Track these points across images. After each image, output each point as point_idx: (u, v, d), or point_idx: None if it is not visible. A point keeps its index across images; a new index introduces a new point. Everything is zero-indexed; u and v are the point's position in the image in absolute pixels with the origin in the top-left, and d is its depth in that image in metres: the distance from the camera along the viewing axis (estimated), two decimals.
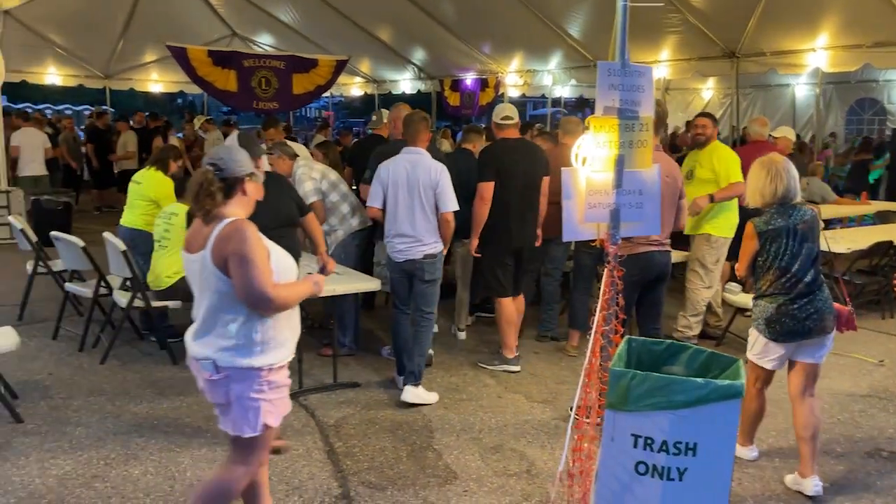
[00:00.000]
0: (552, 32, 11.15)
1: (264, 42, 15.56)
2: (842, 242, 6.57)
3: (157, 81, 16.65)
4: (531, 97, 19.81)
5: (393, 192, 4.71)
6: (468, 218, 5.20)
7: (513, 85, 13.76)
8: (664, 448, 2.68)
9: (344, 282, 4.82)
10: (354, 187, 6.03)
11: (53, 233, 5.78)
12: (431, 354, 5.33)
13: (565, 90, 15.41)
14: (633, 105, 3.13)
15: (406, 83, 16.04)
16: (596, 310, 3.09)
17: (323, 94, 15.13)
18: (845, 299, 3.99)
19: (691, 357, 3.06)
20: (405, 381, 4.74)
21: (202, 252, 2.65)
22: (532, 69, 13.21)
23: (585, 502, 3.07)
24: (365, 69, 16.51)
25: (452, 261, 6.23)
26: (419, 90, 16.02)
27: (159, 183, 5.82)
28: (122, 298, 5.38)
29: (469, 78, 14.49)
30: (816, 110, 14.41)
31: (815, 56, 9.04)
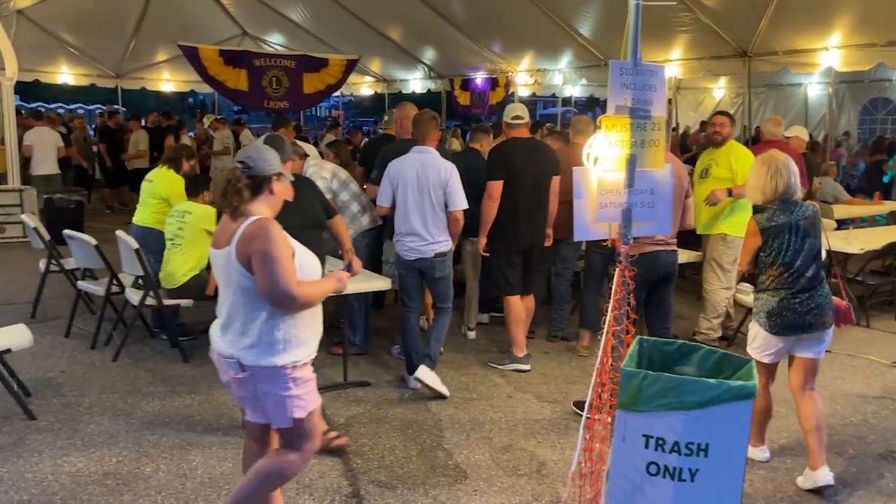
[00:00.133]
0: (563, 31, 11.12)
1: (275, 41, 15.60)
2: (855, 243, 6.53)
3: (169, 81, 16.72)
4: (541, 96, 19.79)
5: (402, 191, 4.74)
6: (477, 216, 5.21)
7: (523, 84, 13.74)
8: (676, 449, 2.67)
9: (355, 281, 4.81)
10: (364, 187, 6.04)
11: (66, 231, 5.82)
12: (441, 351, 5.34)
13: (576, 89, 15.39)
14: (645, 104, 3.12)
15: (416, 82, 16.04)
16: (606, 310, 3.09)
17: (333, 94, 15.15)
18: (843, 294, 4.05)
19: (703, 357, 3.05)
20: (420, 361, 4.83)
21: (227, 248, 2.68)
22: (542, 68, 13.18)
23: (596, 503, 3.06)
24: (375, 68, 16.53)
25: (462, 259, 6.23)
26: (429, 89, 16.02)
27: (171, 181, 5.85)
28: (134, 296, 5.41)
29: (479, 77, 14.47)
30: (829, 110, 14.32)
31: (828, 55, 8.97)
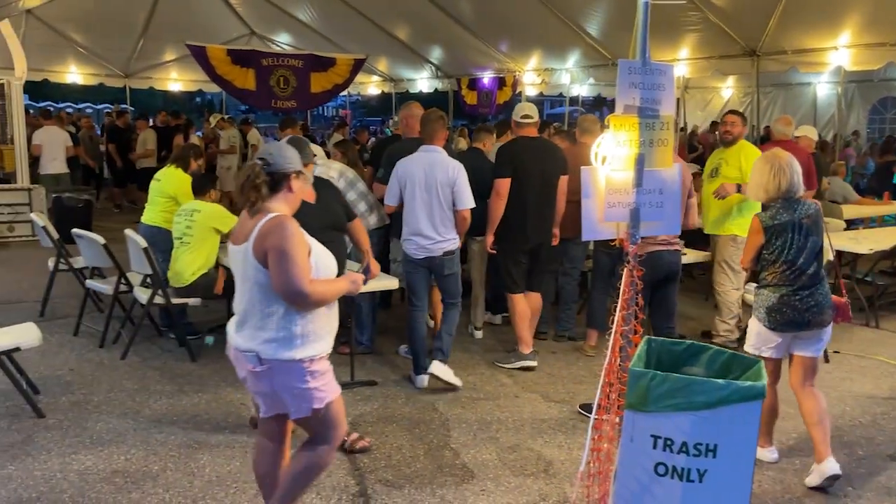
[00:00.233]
0: (570, 31, 11.10)
1: (283, 41, 15.62)
2: (864, 243, 6.50)
3: (177, 80, 16.77)
4: (549, 96, 19.75)
5: (410, 190, 4.77)
6: (482, 215, 5.23)
7: (530, 84, 13.71)
8: (684, 449, 2.66)
9: None
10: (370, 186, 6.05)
11: (75, 230, 5.84)
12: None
13: (583, 89, 15.36)
14: (654, 104, 3.10)
15: (423, 82, 16.03)
16: (614, 309, 3.08)
17: (340, 93, 15.15)
18: (842, 292, 4.09)
19: (712, 358, 3.04)
20: (433, 357, 4.89)
21: (245, 244, 2.72)
22: (550, 68, 13.16)
23: (604, 503, 3.06)
24: (382, 68, 16.53)
25: (468, 258, 6.22)
26: (436, 89, 16.01)
27: (179, 180, 5.86)
28: (143, 295, 5.42)
29: (486, 77, 14.46)
30: (838, 109, 14.24)
31: (837, 54, 8.93)
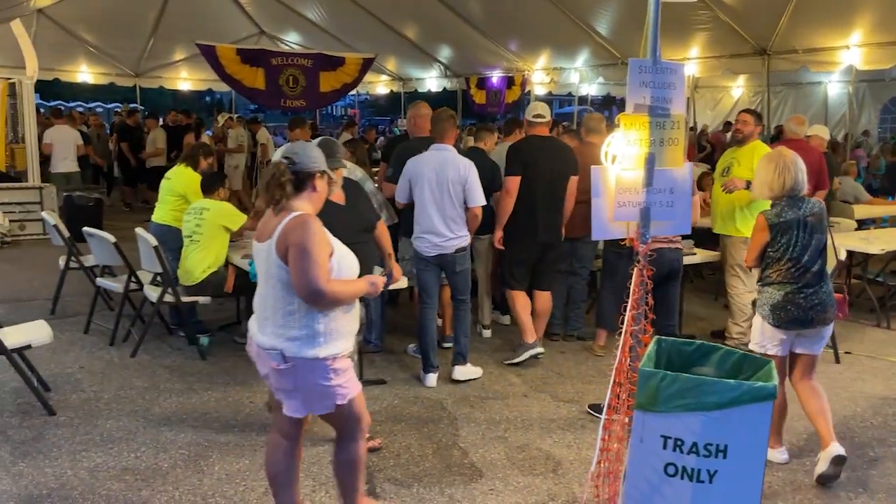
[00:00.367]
0: (579, 30, 11.08)
1: (292, 40, 15.66)
2: (875, 243, 6.45)
3: (186, 79, 16.83)
4: (558, 95, 19.73)
5: (421, 189, 4.81)
6: (485, 213, 5.23)
7: (539, 83, 13.70)
8: (694, 450, 2.65)
9: None
10: (377, 185, 6.06)
11: (86, 228, 5.87)
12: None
13: (592, 88, 15.33)
14: (665, 102, 3.10)
15: (432, 81, 16.04)
16: (623, 309, 3.07)
17: (349, 92, 15.17)
18: (844, 289, 4.06)
19: (722, 358, 3.02)
20: (453, 362, 5.06)
21: (269, 241, 2.75)
22: (559, 67, 13.14)
23: (614, 503, 3.05)
24: (391, 67, 16.55)
25: (475, 256, 6.22)
26: (445, 88, 16.02)
27: (188, 179, 5.88)
28: (153, 293, 5.44)
29: (495, 76, 14.45)
30: (849, 109, 14.17)
31: (849, 53, 8.88)
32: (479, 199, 4.87)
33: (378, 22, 13.10)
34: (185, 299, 5.38)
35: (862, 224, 8.40)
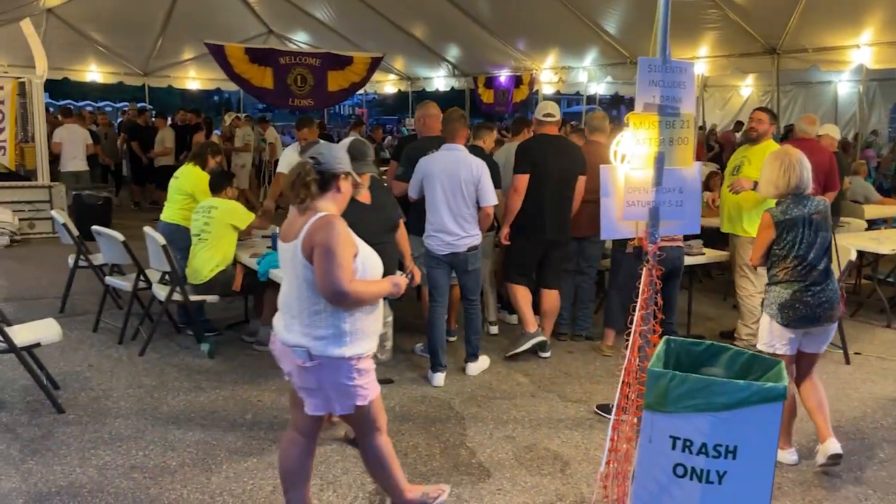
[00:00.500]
0: (588, 29, 11.05)
1: (300, 39, 15.68)
2: (886, 244, 6.41)
3: (195, 79, 16.87)
4: (566, 94, 19.66)
5: (433, 188, 4.86)
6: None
7: (547, 82, 13.67)
8: (703, 450, 2.64)
9: None
10: (385, 184, 6.09)
11: (95, 227, 5.89)
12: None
13: (600, 87, 15.27)
14: (674, 102, 3.08)
15: (440, 80, 16.03)
16: (631, 309, 3.06)
17: (357, 92, 15.18)
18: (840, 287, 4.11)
19: (732, 358, 3.00)
20: (466, 360, 5.16)
21: (294, 241, 2.78)
22: (567, 66, 13.11)
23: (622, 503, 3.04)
24: (399, 66, 16.55)
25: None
26: (453, 87, 16.01)
27: (196, 178, 5.89)
28: (161, 292, 5.45)
29: (503, 75, 14.43)
30: (860, 108, 14.07)
31: (859, 52, 8.83)
32: (492, 199, 4.92)
33: (386, 21, 13.11)
34: (194, 298, 5.39)
35: (872, 224, 8.34)
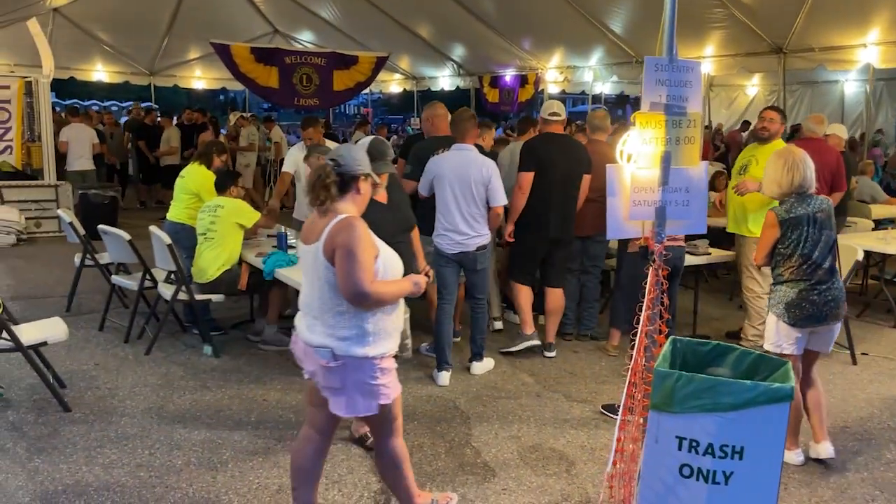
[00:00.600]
0: (593, 28, 11.03)
1: (305, 39, 15.69)
2: (893, 243, 6.38)
3: (201, 78, 16.92)
4: (571, 94, 19.62)
5: (443, 188, 4.89)
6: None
7: (553, 81, 13.65)
8: (710, 451, 2.62)
9: None
10: None
11: (101, 226, 5.90)
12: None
13: (606, 87, 15.26)
14: (681, 101, 3.08)
15: (445, 80, 16.02)
16: (637, 308, 3.05)
17: (363, 91, 15.18)
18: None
19: (738, 358, 2.99)
20: (471, 359, 5.20)
21: (316, 244, 2.79)
22: (572, 65, 13.09)
23: None
24: (404, 66, 16.55)
25: None
26: (458, 87, 16.00)
27: (202, 177, 5.90)
28: (167, 291, 5.46)
29: (508, 74, 14.41)
30: (866, 108, 14.02)
31: (866, 52, 8.80)
32: (502, 199, 4.96)
33: (391, 21, 13.11)
34: (199, 297, 5.40)
35: (879, 224, 8.31)
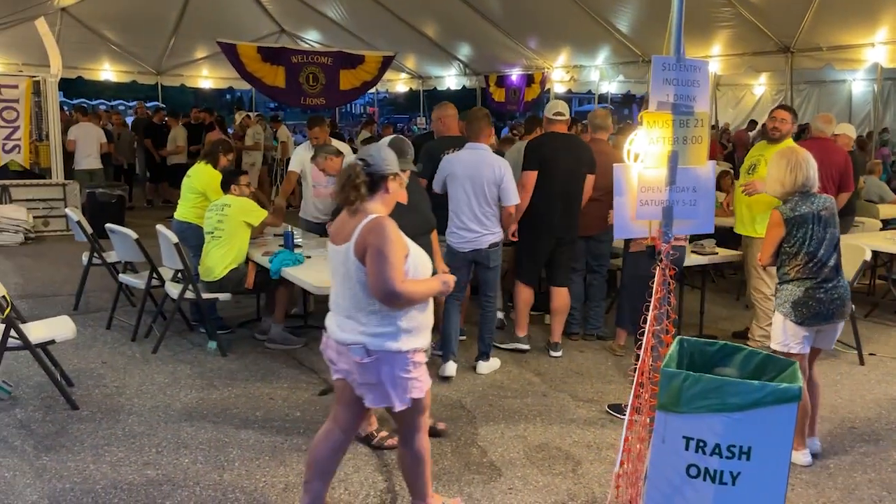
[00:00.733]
0: (600, 27, 11.02)
1: (312, 38, 15.72)
2: None
3: (207, 77, 16.97)
4: (577, 93, 19.58)
5: (456, 187, 4.93)
6: None
7: (559, 81, 13.65)
8: (717, 451, 2.62)
9: None
10: None
11: (108, 225, 5.93)
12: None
13: (612, 86, 15.23)
14: (688, 100, 3.06)
15: (451, 79, 16.03)
16: (644, 308, 3.05)
17: (369, 90, 15.20)
18: None
19: (745, 359, 2.98)
20: (477, 358, 5.22)
21: (346, 244, 2.81)
22: (579, 65, 13.09)
23: None
24: (410, 65, 16.56)
25: None
26: (464, 86, 16.00)
27: (208, 176, 5.91)
28: (174, 290, 5.48)
29: (514, 74, 14.41)
30: (874, 107, 13.97)
31: (874, 51, 8.78)
32: (514, 199, 5.00)
33: (398, 20, 13.12)
34: (206, 296, 5.41)
35: (887, 224, 8.27)
